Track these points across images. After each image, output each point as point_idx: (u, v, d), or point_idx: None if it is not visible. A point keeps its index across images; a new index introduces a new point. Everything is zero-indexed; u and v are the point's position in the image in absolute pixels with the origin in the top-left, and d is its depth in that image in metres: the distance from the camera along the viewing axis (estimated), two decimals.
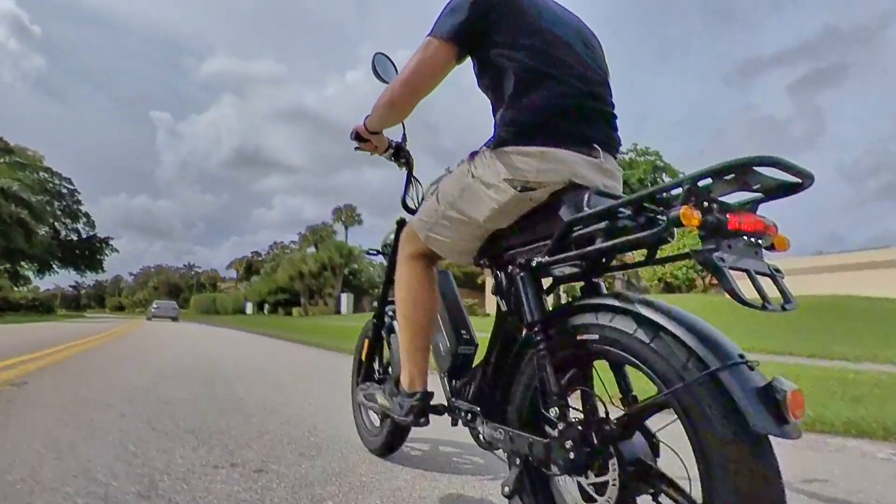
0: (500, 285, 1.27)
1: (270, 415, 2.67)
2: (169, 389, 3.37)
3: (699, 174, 0.78)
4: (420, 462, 1.87)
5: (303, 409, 2.87)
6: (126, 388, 3.35)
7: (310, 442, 2.11)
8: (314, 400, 3.26)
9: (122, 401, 2.88)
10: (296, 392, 3.57)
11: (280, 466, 1.73)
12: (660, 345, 0.83)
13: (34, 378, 3.68)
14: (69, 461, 1.69)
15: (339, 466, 1.76)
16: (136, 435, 2.09)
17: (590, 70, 1.21)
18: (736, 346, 0.79)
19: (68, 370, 4.29)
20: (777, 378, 0.72)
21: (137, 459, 1.74)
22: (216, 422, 2.43)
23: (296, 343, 10.02)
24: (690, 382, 0.76)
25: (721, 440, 0.73)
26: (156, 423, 2.32)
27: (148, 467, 1.66)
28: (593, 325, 0.96)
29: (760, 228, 0.80)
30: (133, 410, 2.62)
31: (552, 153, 1.10)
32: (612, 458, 0.90)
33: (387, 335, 1.86)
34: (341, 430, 2.29)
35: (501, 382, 1.21)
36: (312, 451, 1.96)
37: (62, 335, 9.34)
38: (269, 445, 2.02)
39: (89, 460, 1.71)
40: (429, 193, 1.64)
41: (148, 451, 1.85)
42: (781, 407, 0.69)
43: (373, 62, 1.68)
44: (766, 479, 0.70)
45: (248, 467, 1.71)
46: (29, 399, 2.85)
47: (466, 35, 1.22)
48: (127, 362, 5.22)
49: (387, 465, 1.81)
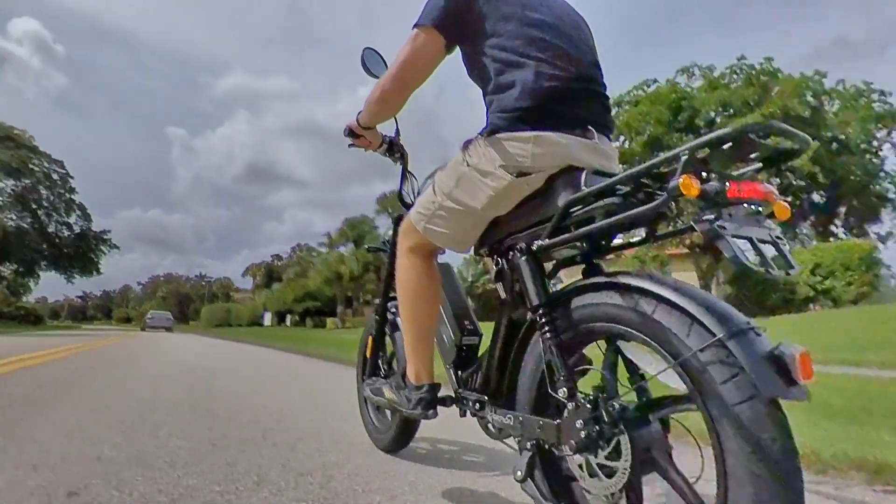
0: (502, 272, 1.27)
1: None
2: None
3: (697, 144, 0.78)
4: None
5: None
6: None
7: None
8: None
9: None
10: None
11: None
12: (665, 317, 0.83)
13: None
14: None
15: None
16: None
17: (579, 52, 1.21)
18: (741, 314, 0.79)
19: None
20: (784, 341, 0.72)
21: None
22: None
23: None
24: (697, 351, 0.76)
25: (730, 406, 0.72)
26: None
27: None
28: (597, 304, 0.96)
29: (760, 196, 0.80)
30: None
31: (546, 137, 1.10)
32: (623, 434, 0.90)
33: (390, 330, 1.86)
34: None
35: (508, 369, 1.21)
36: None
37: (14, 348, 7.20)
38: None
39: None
40: (425, 186, 1.64)
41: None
42: (790, 370, 0.69)
43: (362, 57, 1.68)
44: (778, 443, 0.70)
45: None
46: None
47: (452, 24, 1.22)
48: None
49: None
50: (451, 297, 1.62)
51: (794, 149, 0.81)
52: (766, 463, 0.70)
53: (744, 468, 0.72)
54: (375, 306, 1.91)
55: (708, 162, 0.80)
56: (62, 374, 4.33)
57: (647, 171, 0.88)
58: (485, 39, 1.21)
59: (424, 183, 1.67)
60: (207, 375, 4.73)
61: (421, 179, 1.74)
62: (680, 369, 0.79)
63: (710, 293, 0.84)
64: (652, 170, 0.88)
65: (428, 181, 1.57)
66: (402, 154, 1.81)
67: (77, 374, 4.45)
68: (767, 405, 0.71)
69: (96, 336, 15.31)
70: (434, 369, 1.42)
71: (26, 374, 4.26)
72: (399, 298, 1.44)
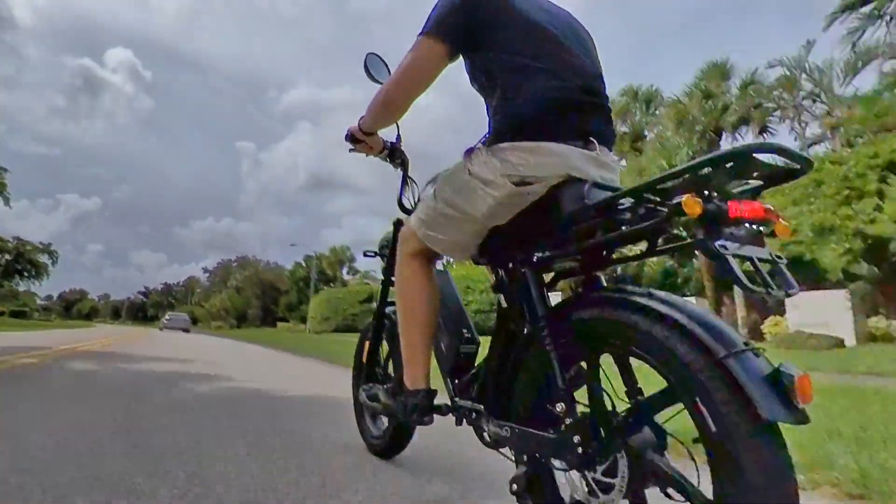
0: (502, 282, 1.27)
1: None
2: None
3: (699, 163, 0.78)
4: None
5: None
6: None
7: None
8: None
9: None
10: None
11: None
12: (664, 335, 0.82)
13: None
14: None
15: None
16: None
17: (582, 64, 1.21)
18: (740, 335, 0.79)
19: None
20: (784, 364, 0.72)
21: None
22: None
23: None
24: (696, 371, 0.76)
25: (729, 428, 0.72)
26: None
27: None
28: (597, 318, 0.96)
29: (761, 216, 0.80)
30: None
31: (548, 147, 1.10)
32: (621, 451, 0.89)
33: (388, 336, 1.85)
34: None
35: (505, 379, 1.20)
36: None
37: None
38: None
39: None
40: (425, 192, 1.63)
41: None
42: (789, 393, 0.69)
43: (365, 63, 1.68)
44: (776, 467, 0.70)
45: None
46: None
47: (457, 33, 1.22)
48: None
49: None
50: (449, 305, 1.61)
51: (795, 169, 0.81)
52: (763, 486, 0.70)
53: (741, 490, 0.71)
54: (373, 311, 1.90)
55: (710, 180, 0.80)
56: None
57: (650, 187, 0.88)
58: (489, 49, 1.21)
59: (425, 189, 1.66)
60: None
61: (422, 185, 1.74)
62: (678, 388, 0.79)
63: (710, 311, 0.84)
64: (654, 186, 0.88)
65: (428, 187, 1.57)
66: (403, 160, 1.81)
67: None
68: (766, 428, 0.71)
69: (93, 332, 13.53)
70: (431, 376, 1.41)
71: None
72: (397, 304, 1.44)
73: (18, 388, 3.45)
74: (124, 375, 4.54)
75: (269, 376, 5.21)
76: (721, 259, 0.75)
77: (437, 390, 1.41)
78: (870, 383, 4.24)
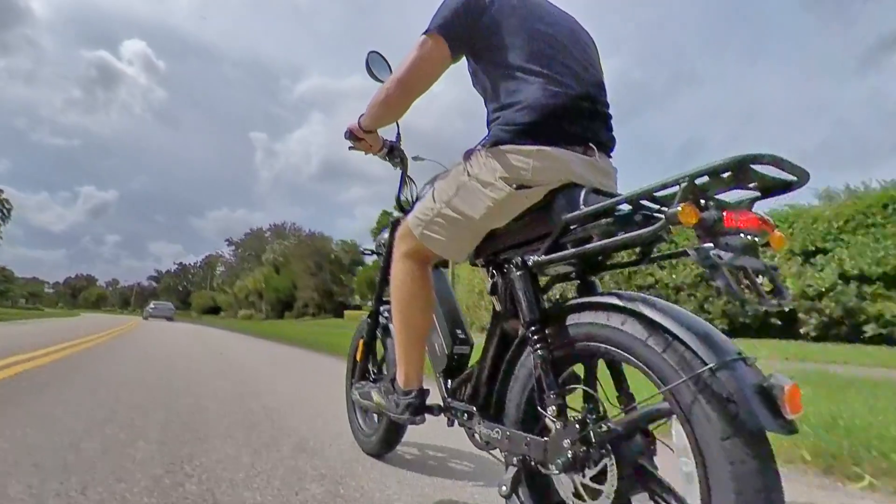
0: (496, 284, 1.27)
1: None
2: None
3: (696, 172, 0.78)
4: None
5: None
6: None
7: None
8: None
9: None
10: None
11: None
12: (657, 342, 0.83)
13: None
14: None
15: None
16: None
17: (584, 70, 1.22)
18: (733, 343, 0.79)
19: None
20: (774, 374, 0.73)
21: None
22: None
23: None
24: (688, 379, 0.77)
25: (718, 437, 0.73)
26: None
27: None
28: (590, 324, 0.96)
29: (757, 226, 0.80)
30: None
31: (548, 152, 1.10)
32: (610, 456, 0.90)
33: (382, 334, 1.85)
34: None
35: (498, 382, 1.21)
36: None
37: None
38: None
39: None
40: (424, 192, 1.63)
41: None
42: (779, 403, 0.69)
43: (366, 61, 1.68)
44: (763, 475, 0.71)
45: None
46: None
47: (460, 34, 1.22)
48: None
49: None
50: (444, 305, 1.62)
51: (791, 180, 0.82)
52: (750, 493, 0.70)
53: (728, 498, 0.72)
54: (368, 309, 1.90)
55: (706, 189, 0.80)
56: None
57: (646, 194, 0.88)
58: (492, 51, 1.21)
59: (423, 189, 1.66)
60: None
61: (420, 185, 1.74)
62: (670, 395, 0.79)
63: (702, 320, 0.84)
64: (651, 193, 0.88)
65: (427, 187, 1.57)
66: (402, 159, 1.81)
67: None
68: (754, 437, 0.71)
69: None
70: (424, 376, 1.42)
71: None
72: (392, 303, 1.43)
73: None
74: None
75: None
76: (716, 269, 0.76)
77: (430, 390, 1.41)
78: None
